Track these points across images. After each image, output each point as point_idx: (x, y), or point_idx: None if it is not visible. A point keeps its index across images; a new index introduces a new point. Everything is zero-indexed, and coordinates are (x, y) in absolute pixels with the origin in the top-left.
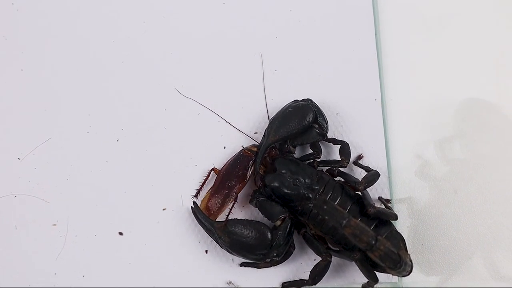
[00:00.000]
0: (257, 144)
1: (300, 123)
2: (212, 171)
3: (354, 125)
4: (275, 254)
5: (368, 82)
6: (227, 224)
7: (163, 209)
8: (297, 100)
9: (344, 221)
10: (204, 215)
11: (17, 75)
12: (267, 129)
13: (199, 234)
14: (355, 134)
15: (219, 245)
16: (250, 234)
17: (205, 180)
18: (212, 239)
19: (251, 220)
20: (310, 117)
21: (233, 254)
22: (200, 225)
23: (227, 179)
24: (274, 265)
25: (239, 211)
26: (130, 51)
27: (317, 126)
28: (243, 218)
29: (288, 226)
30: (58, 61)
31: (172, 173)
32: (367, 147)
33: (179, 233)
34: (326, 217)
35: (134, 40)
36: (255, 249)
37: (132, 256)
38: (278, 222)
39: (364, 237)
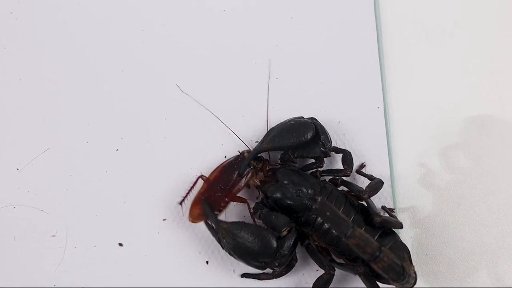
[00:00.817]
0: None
1: (297, 139)
2: (200, 178)
3: (356, 133)
4: (277, 264)
5: (370, 90)
6: (232, 226)
7: (163, 220)
8: (302, 117)
9: (349, 231)
10: (211, 213)
11: (16, 84)
12: (264, 136)
13: (200, 245)
14: (357, 143)
15: (221, 245)
16: (255, 240)
17: (192, 186)
18: (215, 240)
19: (258, 225)
20: (308, 135)
21: (235, 258)
22: (205, 224)
23: (220, 183)
24: (275, 277)
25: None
26: (130, 60)
27: (320, 143)
28: (250, 223)
29: (294, 237)
30: (57, 71)
31: (172, 182)
32: (370, 156)
33: (179, 243)
34: (329, 224)
35: (134, 49)
36: (258, 256)
37: (132, 267)
38: (284, 233)
39: (368, 248)
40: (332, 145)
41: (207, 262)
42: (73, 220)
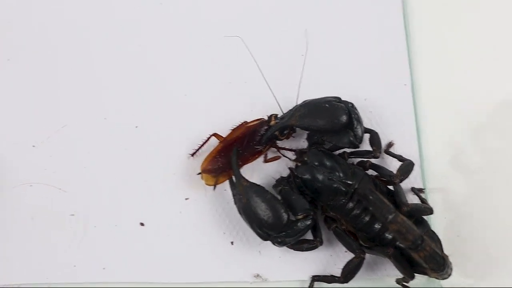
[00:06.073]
0: (279, 116)
1: (328, 124)
2: (213, 136)
3: (383, 111)
4: (278, 241)
5: (397, 67)
6: (251, 186)
7: (186, 199)
8: (339, 98)
9: (391, 216)
10: (236, 165)
11: (32, 60)
12: (294, 109)
13: (224, 225)
14: (384, 121)
15: (234, 200)
16: (267, 209)
17: (204, 143)
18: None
19: (275, 197)
20: (340, 123)
21: (241, 216)
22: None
23: (238, 145)
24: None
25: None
26: (149, 32)
27: (352, 133)
28: (269, 191)
29: (307, 226)
30: (74, 46)
31: (195, 161)
32: (397, 135)
33: (202, 223)
34: (371, 208)
35: (152, 23)
36: (264, 226)
37: (155, 247)
38: (299, 217)
39: (410, 235)
40: None
41: (232, 243)
42: (92, 199)
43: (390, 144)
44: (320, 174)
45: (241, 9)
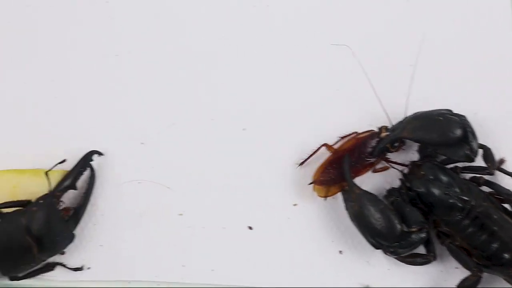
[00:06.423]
0: (389, 128)
1: (442, 137)
2: (324, 146)
3: (494, 126)
4: (391, 250)
5: (508, 80)
6: (364, 194)
7: (294, 205)
8: (451, 110)
9: None
10: (348, 172)
11: (142, 57)
12: (405, 121)
13: (332, 233)
14: (495, 136)
15: (345, 207)
16: (380, 219)
17: (314, 153)
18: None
19: (389, 206)
20: (455, 136)
21: (353, 223)
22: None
23: (350, 158)
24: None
25: None
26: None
27: (467, 147)
28: (382, 201)
29: (422, 238)
30: (191, 48)
31: (305, 166)
32: (509, 151)
33: (310, 230)
34: (495, 228)
35: (262, 30)
36: (377, 235)
37: (262, 252)
38: (413, 230)
39: None
40: None
41: (340, 252)
42: (200, 199)
43: (501, 161)
44: (436, 188)
45: (349, 18)
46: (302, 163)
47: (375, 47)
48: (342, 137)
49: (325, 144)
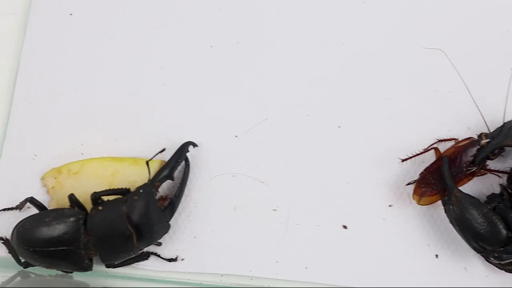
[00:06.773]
0: (488, 134)
1: None
2: (434, 150)
3: None
4: (495, 255)
5: None
6: (466, 198)
7: (389, 206)
8: None
9: None
10: (449, 175)
11: (239, 53)
12: (507, 128)
13: (428, 237)
14: None
15: (445, 209)
16: (484, 223)
17: (422, 152)
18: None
19: (492, 210)
20: None
21: (454, 227)
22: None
23: (451, 164)
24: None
25: None
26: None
27: None
28: (485, 205)
29: None
30: (285, 44)
31: (398, 167)
32: None
33: (406, 233)
34: None
35: (354, 28)
36: (481, 239)
37: (357, 252)
38: None
39: None
40: None
41: (436, 256)
42: (294, 196)
43: None
44: None
45: (443, 21)
46: (404, 160)
47: (470, 50)
48: (455, 142)
49: (436, 148)
